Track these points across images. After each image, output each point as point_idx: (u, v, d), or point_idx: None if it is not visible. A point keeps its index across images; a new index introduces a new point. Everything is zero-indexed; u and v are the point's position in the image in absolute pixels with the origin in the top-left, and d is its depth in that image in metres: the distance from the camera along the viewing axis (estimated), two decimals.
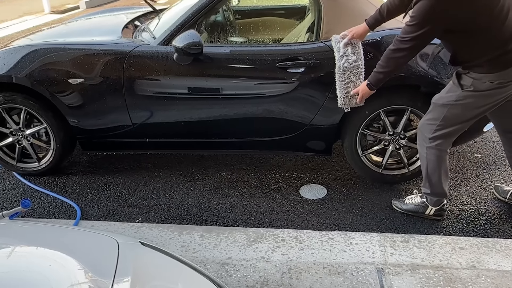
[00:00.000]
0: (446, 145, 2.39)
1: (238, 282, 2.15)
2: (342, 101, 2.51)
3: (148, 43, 2.79)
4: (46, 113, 2.92)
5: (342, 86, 2.48)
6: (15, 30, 8.13)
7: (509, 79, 2.13)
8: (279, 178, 3.11)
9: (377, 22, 2.44)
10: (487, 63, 2.11)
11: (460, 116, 2.27)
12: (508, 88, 2.17)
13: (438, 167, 2.43)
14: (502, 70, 2.10)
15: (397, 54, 2.16)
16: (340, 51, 2.47)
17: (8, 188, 3.09)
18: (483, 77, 2.13)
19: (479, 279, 2.13)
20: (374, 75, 2.31)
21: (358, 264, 2.25)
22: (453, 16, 2.02)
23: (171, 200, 2.91)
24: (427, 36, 2.09)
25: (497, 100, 2.22)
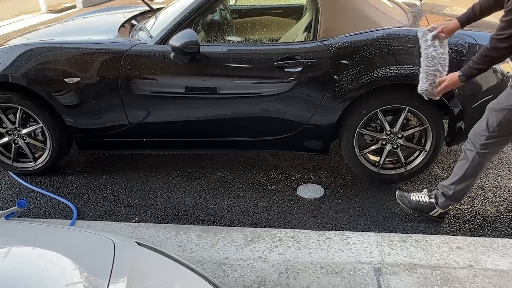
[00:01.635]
0: (493, 154, 2.32)
1: (235, 282, 2.14)
2: (426, 87, 2.43)
3: (145, 42, 2.78)
4: (42, 113, 2.91)
5: (430, 73, 2.41)
6: (12, 29, 8.10)
7: None
8: (277, 178, 3.11)
9: (469, 20, 2.39)
10: None
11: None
12: None
13: (476, 174, 2.36)
14: None
15: (493, 53, 2.08)
16: (427, 42, 2.44)
17: (4, 188, 3.08)
18: None
19: (477, 279, 2.13)
20: (468, 69, 2.21)
21: (356, 263, 2.24)
22: None
23: (168, 199, 2.90)
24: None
25: None
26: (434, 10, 3.39)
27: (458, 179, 2.41)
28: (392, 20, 2.84)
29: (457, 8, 3.52)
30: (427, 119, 2.72)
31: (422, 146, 2.83)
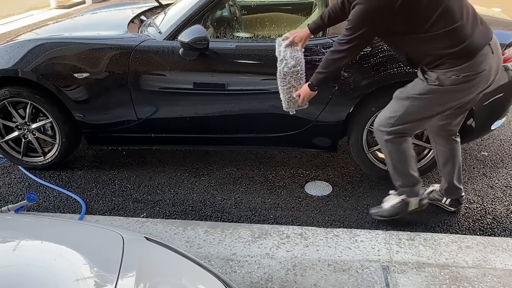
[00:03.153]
0: (407, 136, 2.29)
1: (243, 278, 2.14)
2: (286, 105, 2.49)
3: (154, 38, 2.78)
4: (52, 107, 2.92)
5: (285, 91, 2.46)
6: (22, 24, 8.15)
7: (475, 71, 2.04)
8: (284, 175, 3.10)
9: (319, 28, 2.43)
10: (452, 57, 2.03)
11: (421, 111, 2.18)
12: (474, 82, 2.07)
13: (402, 156, 2.32)
14: (467, 62, 2.03)
15: (336, 55, 2.17)
16: (280, 54, 2.45)
17: (13, 182, 3.10)
18: (448, 72, 2.06)
19: (486, 278, 2.11)
20: (315, 76, 2.30)
21: (363, 261, 2.23)
22: (390, 19, 2.01)
23: (175, 195, 2.91)
24: (363, 38, 2.08)
25: (463, 97, 2.13)
26: None
27: (392, 170, 2.40)
28: None
29: None
30: None
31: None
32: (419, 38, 2.05)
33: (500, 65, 2.19)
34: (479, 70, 2.05)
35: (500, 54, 2.16)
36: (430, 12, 1.98)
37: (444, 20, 1.99)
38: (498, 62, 2.15)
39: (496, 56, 2.11)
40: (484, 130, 2.90)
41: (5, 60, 2.83)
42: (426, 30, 2.01)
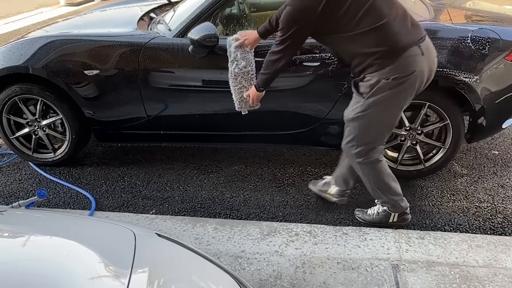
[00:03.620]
0: (376, 154, 2.26)
1: (252, 276, 2.15)
2: (238, 105, 2.51)
3: (164, 35, 2.78)
4: (62, 104, 2.94)
5: (236, 91, 2.48)
6: (31, 22, 8.21)
7: (405, 72, 2.02)
8: (293, 172, 3.10)
9: (267, 32, 2.43)
10: (378, 56, 2.01)
11: (374, 124, 2.16)
12: (407, 83, 2.05)
13: (379, 176, 2.31)
14: (394, 62, 2.00)
15: (273, 57, 2.18)
16: (231, 55, 2.46)
17: (24, 178, 3.13)
18: (376, 75, 2.04)
19: (496, 278, 2.10)
20: (260, 77, 2.33)
21: (373, 260, 2.23)
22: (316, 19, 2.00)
23: (184, 192, 2.91)
24: (295, 38, 2.09)
25: (404, 99, 2.12)
26: (456, 4, 3.33)
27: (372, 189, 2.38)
28: (413, 14, 2.78)
29: (480, 2, 3.45)
30: (447, 115, 2.67)
31: (442, 142, 2.79)
32: (346, 37, 2.04)
33: (433, 67, 2.15)
34: (408, 72, 2.03)
35: (432, 57, 2.13)
36: (355, 11, 1.98)
37: (370, 18, 1.98)
38: (430, 65, 2.12)
39: (427, 58, 2.07)
40: (495, 129, 2.88)
41: (16, 57, 2.85)
42: (352, 29, 2.00)
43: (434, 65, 2.16)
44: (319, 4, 1.95)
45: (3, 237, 1.30)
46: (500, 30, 2.61)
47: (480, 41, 2.55)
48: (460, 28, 2.61)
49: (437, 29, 2.62)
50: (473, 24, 2.71)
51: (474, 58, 2.55)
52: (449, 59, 2.56)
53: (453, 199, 2.76)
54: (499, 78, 2.62)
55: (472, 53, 2.54)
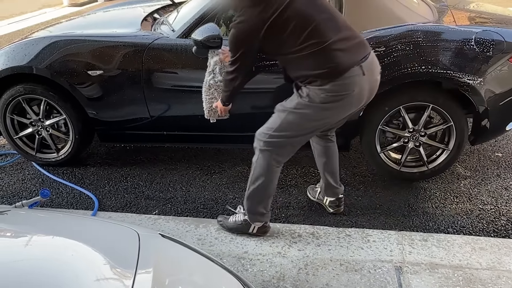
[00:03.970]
0: (279, 157, 2.23)
1: (254, 277, 2.14)
2: (207, 114, 2.55)
3: (167, 36, 2.79)
4: (66, 104, 2.95)
5: (207, 101, 2.51)
6: (34, 22, 8.23)
7: (344, 91, 2.02)
8: (296, 173, 3.09)
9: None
10: (319, 77, 2.02)
11: (296, 125, 2.14)
12: (344, 102, 2.06)
13: (264, 175, 2.24)
14: (334, 81, 2.01)
15: (229, 76, 2.22)
16: (210, 66, 2.50)
17: (27, 178, 3.13)
18: (318, 89, 2.04)
19: (500, 280, 2.09)
20: (223, 94, 2.36)
21: (376, 261, 2.22)
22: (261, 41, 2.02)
23: (187, 193, 2.91)
24: (244, 59, 2.11)
25: (336, 115, 2.12)
26: (460, 5, 3.32)
27: (248, 186, 2.33)
28: (417, 16, 2.80)
29: (484, 4, 3.44)
30: (451, 117, 2.67)
31: (445, 144, 2.78)
32: (291, 58, 2.06)
33: (375, 86, 2.15)
34: (347, 91, 2.03)
35: (374, 75, 2.12)
36: (298, 35, 1.99)
37: (312, 41, 1.98)
38: (371, 84, 2.11)
39: (368, 78, 2.07)
40: (498, 131, 2.87)
41: (20, 57, 2.86)
42: (295, 51, 2.02)
43: (375, 83, 2.15)
44: (262, 27, 1.98)
45: (8, 236, 1.30)
46: (504, 32, 2.60)
47: (484, 43, 2.54)
48: (464, 30, 2.61)
49: (441, 31, 2.61)
50: (477, 26, 2.70)
51: (478, 60, 2.54)
52: (453, 61, 2.55)
53: (457, 201, 2.75)
54: (503, 80, 2.61)
55: (476, 55, 2.53)
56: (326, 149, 2.50)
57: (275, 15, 1.95)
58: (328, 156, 2.51)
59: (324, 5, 2.06)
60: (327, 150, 2.50)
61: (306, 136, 2.22)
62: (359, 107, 2.16)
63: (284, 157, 2.27)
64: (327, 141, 2.49)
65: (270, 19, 1.96)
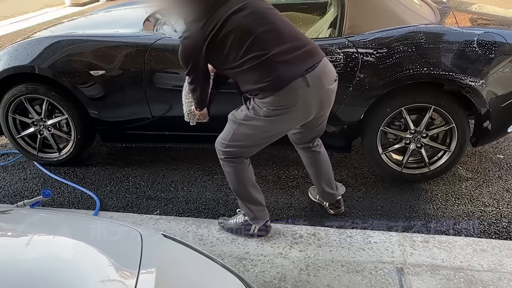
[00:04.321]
0: (240, 159, 2.25)
1: (256, 277, 2.14)
2: (186, 117, 2.55)
3: (170, 36, 2.79)
4: (68, 104, 2.95)
5: (187, 104, 2.51)
6: (36, 22, 8.23)
7: (286, 105, 2.01)
8: (297, 174, 3.09)
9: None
10: (261, 90, 2.01)
11: (248, 136, 2.16)
12: (287, 115, 2.04)
13: (239, 179, 2.27)
14: (272, 95, 1.99)
15: (190, 87, 2.24)
16: None
17: (29, 177, 3.14)
18: (260, 103, 2.04)
19: (501, 282, 2.09)
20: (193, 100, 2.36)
21: (377, 263, 2.22)
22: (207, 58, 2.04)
23: (189, 193, 2.92)
24: (195, 71, 2.11)
25: (284, 127, 2.14)
26: (462, 7, 3.32)
27: (233, 192, 2.36)
28: (419, 17, 2.80)
29: (486, 6, 3.44)
30: (453, 118, 2.67)
31: (447, 146, 2.78)
32: (235, 72, 2.07)
33: (327, 97, 2.10)
34: (289, 104, 2.02)
35: (322, 86, 2.05)
36: (237, 50, 1.98)
37: (251, 55, 1.97)
38: (320, 95, 2.06)
39: (315, 88, 2.02)
40: (500, 133, 2.87)
41: (22, 57, 2.87)
42: (237, 66, 2.01)
43: (327, 93, 2.10)
44: (203, 43, 1.97)
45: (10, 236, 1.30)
46: (506, 34, 2.60)
47: (486, 45, 2.54)
48: (466, 31, 2.61)
49: (443, 32, 2.61)
50: (479, 28, 2.70)
51: (480, 61, 2.54)
52: (455, 63, 2.55)
53: (458, 203, 2.75)
54: (505, 82, 2.61)
55: (478, 57, 2.53)
56: (313, 159, 2.48)
57: (215, 29, 1.94)
58: (317, 165, 2.49)
59: (268, 17, 2.01)
60: (314, 160, 2.48)
61: (262, 145, 2.23)
62: (309, 118, 2.13)
63: (247, 158, 2.28)
64: (310, 151, 2.47)
65: (211, 34, 1.95)
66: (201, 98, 2.29)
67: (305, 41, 2.06)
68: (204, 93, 2.28)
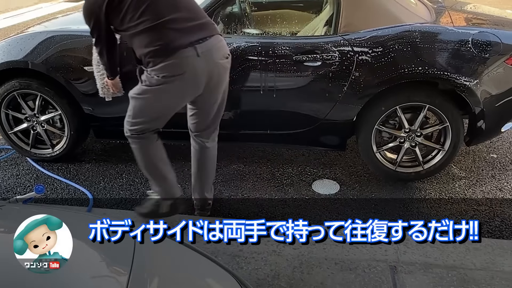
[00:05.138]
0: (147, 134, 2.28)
1: (249, 275, 2.14)
2: (101, 91, 2.54)
3: None
4: (61, 100, 2.93)
5: (99, 77, 2.51)
6: (30, 17, 8.17)
7: (175, 72, 2.07)
8: (292, 172, 3.09)
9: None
10: (152, 56, 2.07)
11: (147, 108, 2.21)
12: (176, 84, 2.10)
13: (148, 155, 2.33)
14: (161, 62, 2.05)
15: (96, 50, 2.32)
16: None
17: (22, 173, 3.11)
18: (151, 71, 2.10)
19: (494, 281, 2.10)
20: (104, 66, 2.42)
21: (370, 261, 2.23)
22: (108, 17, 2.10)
23: (183, 190, 2.90)
24: (98, 30, 2.18)
25: (177, 96, 2.18)
26: (457, 7, 3.33)
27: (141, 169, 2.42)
28: (415, 16, 2.80)
29: (481, 6, 3.45)
30: (447, 117, 2.68)
31: (441, 145, 2.79)
32: (130, 35, 2.12)
33: (217, 71, 2.16)
34: (177, 72, 2.07)
35: (212, 58, 2.12)
36: (134, 11, 2.05)
37: (147, 18, 2.04)
38: (210, 67, 2.12)
39: (205, 60, 2.09)
40: (494, 132, 2.89)
41: (15, 52, 2.84)
42: (133, 27, 2.07)
43: (217, 68, 2.16)
44: (102, 3, 2.04)
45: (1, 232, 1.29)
46: (501, 33, 2.61)
47: (481, 45, 2.55)
48: (461, 31, 2.62)
49: (439, 31, 2.62)
50: (474, 28, 2.71)
51: (474, 61, 2.55)
52: (450, 62, 2.56)
53: (451, 201, 2.76)
54: (499, 81, 2.62)
55: (473, 57, 2.54)
56: (201, 153, 2.49)
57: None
58: (202, 160, 2.50)
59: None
60: (201, 154, 2.49)
61: (163, 117, 2.26)
62: (200, 90, 2.17)
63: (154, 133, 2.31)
64: (201, 144, 2.47)
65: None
66: (110, 64, 2.35)
67: (201, 15, 2.16)
68: (112, 58, 2.33)
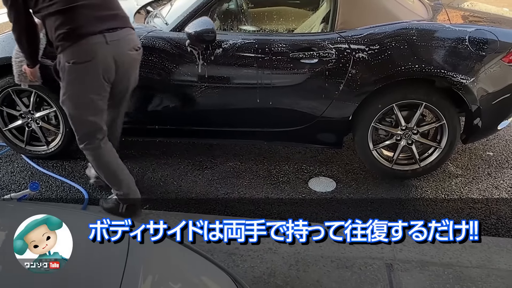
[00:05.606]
0: (95, 140, 2.30)
1: (245, 273, 2.14)
2: (17, 78, 2.53)
3: (161, 29, 2.76)
4: (56, 97, 2.87)
5: (17, 64, 2.49)
6: None
7: (84, 58, 2.09)
8: (288, 170, 3.09)
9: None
10: (60, 41, 2.08)
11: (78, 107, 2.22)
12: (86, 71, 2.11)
13: (103, 163, 2.36)
14: (70, 46, 2.07)
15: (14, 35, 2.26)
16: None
17: (16, 170, 3.09)
18: (62, 59, 2.11)
19: (489, 278, 2.10)
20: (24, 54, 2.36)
21: (367, 259, 2.23)
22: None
23: (179, 188, 2.89)
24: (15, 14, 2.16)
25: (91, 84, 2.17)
26: (454, 4, 3.33)
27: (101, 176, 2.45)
28: (412, 14, 2.80)
29: (478, 3, 3.45)
30: (443, 115, 2.67)
31: (437, 142, 2.79)
32: (43, 16, 2.13)
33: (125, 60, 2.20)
34: (85, 59, 2.10)
35: (121, 48, 2.18)
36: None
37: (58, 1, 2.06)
38: (119, 56, 2.17)
39: (113, 48, 2.13)
40: (490, 130, 2.89)
41: (10, 48, 2.80)
42: (45, 7, 2.08)
43: (126, 58, 2.21)
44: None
45: None
46: (497, 31, 2.61)
47: (478, 42, 2.55)
48: (458, 29, 2.62)
49: (435, 29, 2.62)
50: (471, 25, 2.71)
51: (471, 59, 2.55)
52: (447, 60, 2.56)
53: (447, 199, 2.76)
54: (496, 79, 2.63)
55: (470, 54, 2.54)
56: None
57: None
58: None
59: None
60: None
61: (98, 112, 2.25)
62: (112, 77, 2.18)
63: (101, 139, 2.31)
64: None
65: None
66: (29, 51, 2.31)
67: (115, 6, 2.20)
68: (32, 45, 2.30)
